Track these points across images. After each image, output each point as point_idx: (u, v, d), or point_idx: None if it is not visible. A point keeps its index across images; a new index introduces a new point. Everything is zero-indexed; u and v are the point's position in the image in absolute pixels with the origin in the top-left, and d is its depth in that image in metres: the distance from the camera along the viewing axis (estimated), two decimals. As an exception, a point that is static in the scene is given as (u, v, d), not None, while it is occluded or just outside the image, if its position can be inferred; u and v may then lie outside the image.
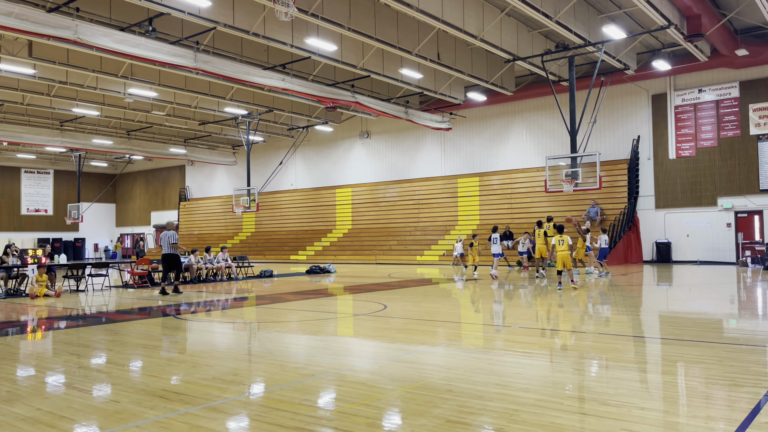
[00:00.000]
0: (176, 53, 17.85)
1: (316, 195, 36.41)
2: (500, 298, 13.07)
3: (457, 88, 26.47)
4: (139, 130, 34.78)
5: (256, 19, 17.33)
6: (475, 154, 30.27)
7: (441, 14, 17.31)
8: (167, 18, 17.31)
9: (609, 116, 26.03)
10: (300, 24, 18.37)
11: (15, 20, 14.23)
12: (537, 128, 28.32)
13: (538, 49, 21.89)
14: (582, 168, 21.50)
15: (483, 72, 23.70)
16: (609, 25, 19.32)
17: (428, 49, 20.62)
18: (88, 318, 11.06)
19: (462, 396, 4.95)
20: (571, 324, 8.87)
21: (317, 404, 4.89)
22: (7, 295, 15.37)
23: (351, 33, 17.96)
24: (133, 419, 4.51)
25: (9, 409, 4.84)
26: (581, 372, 5.91)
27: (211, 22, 16.54)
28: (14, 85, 23.87)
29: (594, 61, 23.40)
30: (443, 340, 7.84)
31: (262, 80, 20.79)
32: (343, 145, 35.27)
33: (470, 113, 29.85)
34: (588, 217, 25.54)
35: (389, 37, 19.13)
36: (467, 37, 18.72)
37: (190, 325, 9.99)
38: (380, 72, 22.11)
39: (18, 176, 43.55)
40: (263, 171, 37.88)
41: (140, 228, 47.09)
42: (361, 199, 34.11)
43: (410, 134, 32.30)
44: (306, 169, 37.22)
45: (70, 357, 7.13)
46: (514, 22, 20.69)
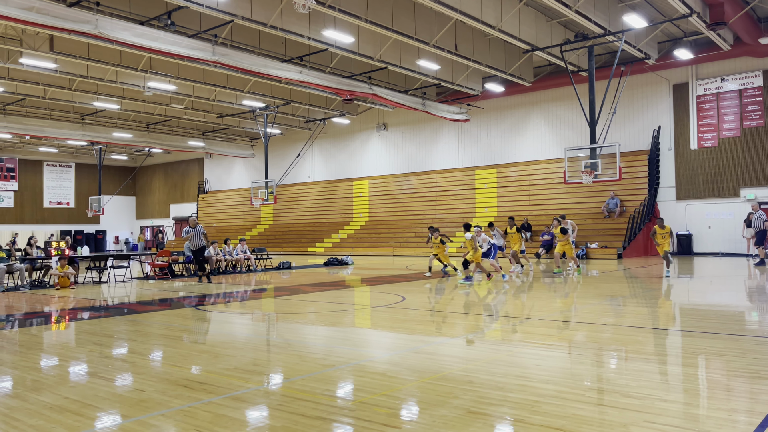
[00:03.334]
0: (195, 46, 17.95)
1: (333, 187, 36.49)
2: (518, 290, 13.03)
3: (474, 79, 26.31)
4: (159, 124, 35.09)
5: (273, 11, 17.36)
6: (493, 145, 30.10)
7: (459, 4, 17.20)
8: (186, 11, 17.41)
9: (629, 106, 25.71)
10: (317, 16, 18.36)
11: (36, 15, 14.40)
12: (556, 119, 28.07)
13: (556, 39, 21.66)
14: (601, 159, 21.28)
15: (501, 63, 23.52)
16: (629, 14, 19.04)
17: (446, 40, 20.50)
18: (111, 309, 11.24)
19: (482, 387, 4.97)
20: (591, 316, 8.82)
21: (337, 394, 4.93)
22: (31, 286, 15.66)
23: (368, 24, 17.92)
24: (158, 408, 4.58)
25: (37, 398, 4.95)
26: (602, 364, 5.89)
27: (229, 15, 16.60)
28: (36, 80, 24.19)
29: (614, 51, 23.10)
30: (462, 332, 7.85)
31: (279, 73, 20.84)
32: (360, 137, 35.27)
33: (488, 104, 29.67)
34: (608, 208, 25.31)
35: (406, 29, 19.05)
36: (485, 27, 18.58)
37: (211, 316, 10.10)
38: (397, 63, 22.04)
39: (40, 169, 44.22)
40: (281, 163, 38.04)
41: (160, 220, 47.60)
42: (378, 191, 34.12)
43: (427, 126, 32.20)
44: (323, 161, 37.30)
45: (95, 347, 7.26)
46: (533, 12, 20.49)
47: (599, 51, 23.35)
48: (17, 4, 14.00)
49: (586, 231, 24.82)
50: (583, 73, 24.21)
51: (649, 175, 25.18)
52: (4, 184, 42.15)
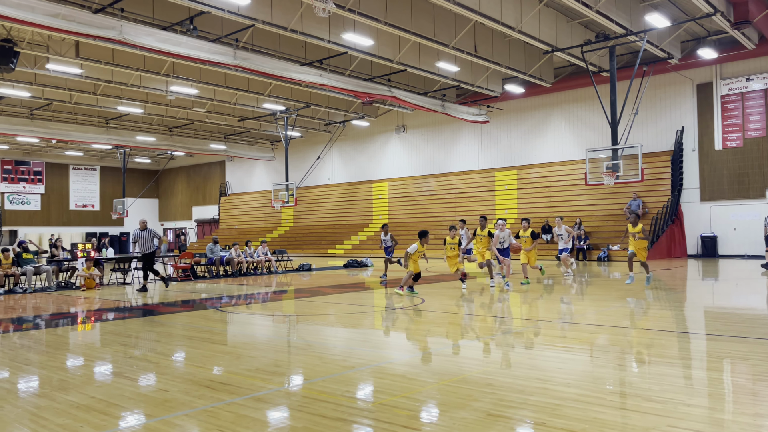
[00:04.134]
0: (216, 51, 18.17)
1: (352, 189, 36.60)
2: (539, 293, 12.95)
3: (494, 81, 26.21)
4: (181, 127, 35.53)
5: (293, 15, 17.50)
6: (513, 147, 29.94)
7: (478, 6, 17.17)
8: (207, 16, 17.62)
9: (651, 107, 25.40)
10: (337, 19, 18.46)
11: (62, 21, 14.69)
12: (576, 120, 27.84)
13: (577, 40, 21.49)
14: (623, 160, 21.05)
15: (521, 64, 23.40)
16: (652, 14, 18.82)
17: (465, 41, 20.47)
18: (135, 310, 11.41)
19: (502, 390, 4.96)
20: (613, 319, 8.74)
21: (358, 396, 4.96)
22: (58, 287, 15.96)
23: (387, 27, 17.97)
24: (182, 408, 4.66)
25: (64, 397, 5.06)
26: (624, 368, 5.84)
27: (250, 19, 16.77)
28: (62, 85, 24.66)
29: (636, 51, 22.86)
30: (482, 335, 7.83)
31: (299, 76, 21.00)
32: (380, 139, 35.34)
33: (508, 106, 29.53)
34: (629, 210, 25.02)
35: (426, 31, 19.06)
36: (505, 28, 18.52)
37: (232, 317, 10.21)
38: (416, 66, 22.05)
39: (66, 173, 45.04)
40: (301, 166, 38.26)
41: (182, 222, 48.16)
42: (398, 193, 34.14)
43: (447, 128, 32.15)
44: (343, 163, 37.44)
45: (120, 347, 7.39)
46: (553, 13, 20.36)
47: (621, 51, 23.11)
48: (44, 11, 14.31)
49: (608, 233, 24.57)
50: (605, 74, 23.99)
51: (672, 176, 24.84)
52: (31, 188, 43.01)
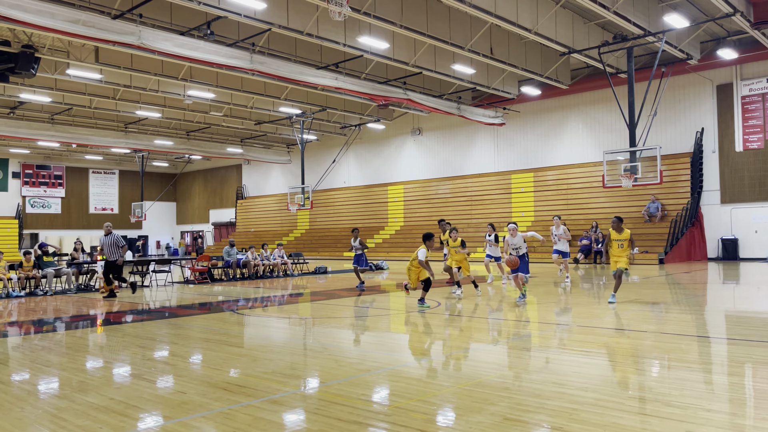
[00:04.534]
0: (233, 55, 18.31)
1: (368, 192, 36.64)
2: (556, 297, 12.85)
3: (510, 83, 26.11)
4: (198, 131, 35.84)
5: (309, 19, 17.58)
6: (530, 149, 29.78)
7: (494, 8, 17.12)
8: (224, 21, 17.77)
9: (670, 108, 25.12)
10: (353, 23, 18.51)
11: (82, 27, 14.91)
12: (594, 122, 27.62)
13: (594, 41, 21.34)
14: (642, 162, 20.83)
15: (537, 66, 23.28)
16: (670, 14, 18.63)
17: (481, 44, 20.42)
18: (153, 312, 11.52)
19: (519, 394, 4.92)
20: (632, 323, 8.64)
21: (374, 399, 4.96)
22: (78, 290, 16.16)
23: (403, 30, 17.98)
24: (199, 410, 4.69)
25: (83, 398, 5.12)
26: (643, 372, 5.77)
27: (266, 23, 16.88)
28: (82, 90, 25.01)
29: (654, 52, 22.62)
30: (499, 338, 7.79)
31: (315, 80, 21.08)
32: (395, 142, 35.35)
33: (524, 108, 29.38)
34: (648, 213, 24.76)
35: (441, 33, 19.05)
36: (521, 30, 18.44)
37: (249, 320, 10.26)
38: (432, 68, 22.04)
39: (86, 176, 45.63)
40: (317, 169, 38.39)
41: (199, 225, 48.55)
42: (413, 196, 34.11)
43: (462, 130, 32.07)
44: (358, 166, 37.50)
45: (138, 349, 7.46)
46: (570, 14, 20.24)
47: (639, 52, 22.90)
48: (64, 17, 14.53)
49: (626, 236, 24.31)
50: (622, 75, 23.78)
51: (692, 178, 24.54)
52: (52, 191, 43.64)
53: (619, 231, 10.62)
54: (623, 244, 10.51)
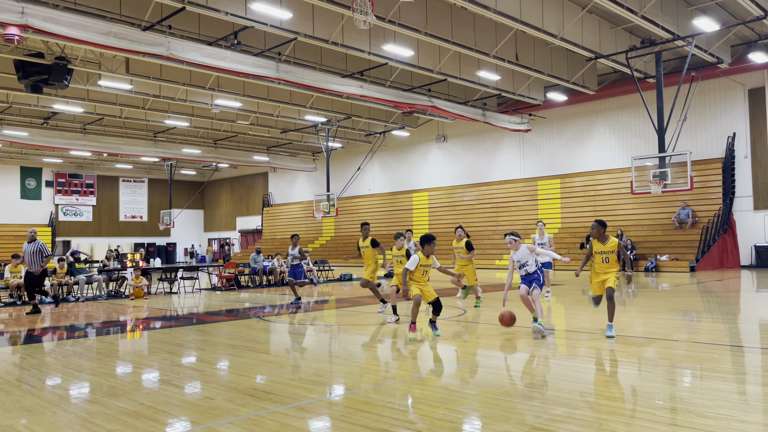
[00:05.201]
0: (259, 64, 18.54)
1: (393, 199, 36.66)
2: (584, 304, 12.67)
3: (536, 89, 25.94)
4: (225, 139, 36.31)
5: (334, 28, 17.73)
6: (556, 155, 29.51)
7: (519, 15, 17.05)
8: (251, 31, 18.01)
9: (700, 113, 24.67)
10: (377, 31, 18.61)
11: (113, 39, 15.26)
12: (621, 127, 27.26)
13: (622, 46, 21.09)
14: (671, 168, 20.49)
15: (563, 71, 23.10)
16: (700, 18, 18.34)
17: (506, 50, 20.34)
18: (181, 319, 11.67)
19: (547, 403, 4.86)
20: (662, 331, 8.48)
21: (400, 407, 4.94)
22: (108, 296, 16.46)
23: (427, 38, 18.01)
24: (226, 416, 4.73)
25: (114, 403, 5.20)
26: (674, 382, 5.65)
27: (292, 33, 17.07)
28: (113, 100, 25.55)
29: (683, 56, 22.27)
30: (526, 347, 7.71)
31: (340, 88, 21.22)
32: (420, 149, 35.34)
33: (550, 114, 29.15)
34: (678, 219, 24.31)
35: (466, 40, 19.03)
36: (547, 36, 18.33)
37: (275, 326, 10.32)
38: (457, 75, 22.02)
39: (117, 185, 46.55)
40: (342, 176, 38.57)
41: (226, 233, 49.10)
42: (438, 203, 34.03)
43: (488, 136, 31.93)
44: (383, 173, 37.57)
45: (167, 355, 7.56)
46: (596, 19, 20.05)
47: (667, 56, 22.57)
48: (96, 30, 14.89)
49: (656, 243, 23.93)
50: (651, 80, 23.44)
51: (723, 184, 24.04)
52: (84, 200, 44.59)
53: (602, 240, 8.17)
54: (608, 257, 8.22)
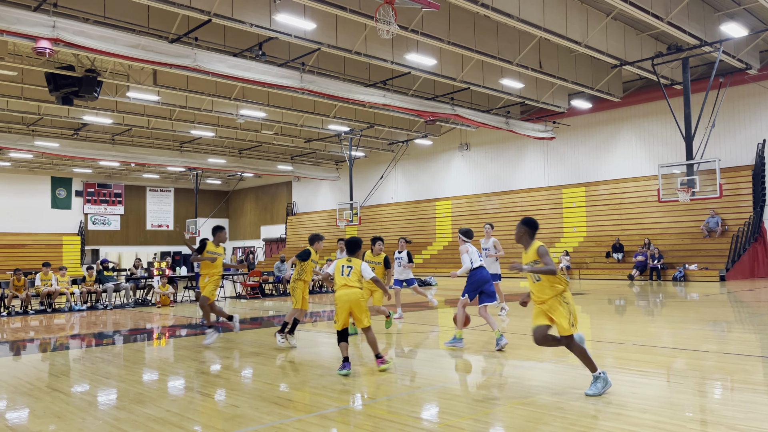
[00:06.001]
0: (284, 75, 18.74)
1: (416, 208, 36.63)
2: (610, 314, 12.49)
3: (560, 96, 25.76)
4: (250, 149, 36.71)
5: (358, 38, 17.85)
6: (581, 163, 29.21)
7: (543, 22, 16.98)
8: (275, 42, 18.22)
9: (729, 120, 24.22)
10: (400, 40, 18.68)
11: (141, 51, 15.56)
12: (648, 135, 26.89)
13: (647, 52, 20.85)
14: (699, 175, 20.13)
15: (588, 79, 22.91)
16: (727, 23, 18.05)
17: (529, 58, 20.25)
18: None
19: (573, 414, 4.80)
20: (692, 342, 8.31)
21: (423, 417, 4.92)
22: (135, 304, 16.70)
23: (450, 46, 18.02)
24: (251, 423, 4.76)
25: (141, 410, 5.27)
26: (704, 394, 5.54)
27: (316, 43, 17.23)
28: (141, 111, 26.03)
29: (711, 62, 21.93)
30: (551, 356, 7.62)
31: (363, 97, 21.33)
32: (443, 157, 35.29)
33: (574, 121, 28.90)
34: (707, 228, 23.86)
35: (489, 48, 19.00)
36: (570, 44, 18.21)
37: (298, 334, 10.36)
38: (480, 83, 21.97)
39: (143, 194, 47.31)
40: (365, 185, 38.67)
41: (251, 241, 49.51)
42: (461, 212, 33.89)
43: (511, 144, 31.75)
44: (406, 182, 37.58)
45: (192, 363, 7.63)
46: (621, 26, 19.87)
47: (694, 63, 22.25)
48: (125, 42, 15.20)
49: (684, 252, 23.50)
50: (677, 86, 23.12)
51: (754, 191, 23.52)
52: (112, 209, 45.39)
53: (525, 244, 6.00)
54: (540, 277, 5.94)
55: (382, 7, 12.34)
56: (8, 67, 19.34)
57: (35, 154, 32.75)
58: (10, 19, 13.35)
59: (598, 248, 26.76)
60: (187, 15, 15.46)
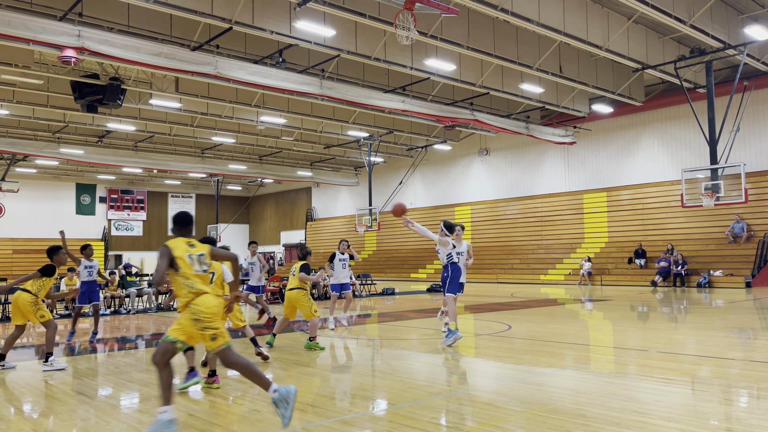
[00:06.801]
0: (303, 81, 18.87)
1: (435, 213, 36.55)
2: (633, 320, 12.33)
3: (580, 101, 25.56)
4: (270, 155, 36.99)
5: (377, 44, 17.92)
6: (602, 168, 28.93)
7: (563, 27, 16.89)
8: (295, 49, 18.37)
9: (754, 123, 23.81)
10: (419, 46, 18.71)
11: (164, 59, 15.80)
12: (670, 139, 26.56)
13: (670, 56, 20.61)
14: (724, 180, 19.81)
15: (609, 83, 22.70)
16: (751, 26, 17.78)
17: (549, 62, 20.14)
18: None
19: (596, 422, 4.74)
20: (717, 350, 8.17)
21: (444, 423, 4.90)
22: (157, 309, 16.89)
23: (470, 51, 18.00)
24: (272, 428, 4.78)
25: (164, 413, 5.32)
26: (730, 402, 5.44)
27: (335, 50, 17.32)
28: (163, 118, 26.38)
29: (735, 65, 21.62)
30: (572, 363, 7.54)
31: (383, 103, 21.38)
32: (462, 162, 35.20)
33: (595, 126, 28.65)
34: (733, 233, 23.46)
35: (509, 53, 18.94)
36: (591, 48, 18.08)
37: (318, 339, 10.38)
38: (499, 88, 21.90)
39: (165, 200, 47.90)
40: (384, 191, 38.72)
41: (271, 247, 49.81)
42: (481, 217, 33.76)
43: (531, 149, 31.57)
44: (425, 187, 37.55)
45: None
46: (643, 29, 19.68)
47: (718, 66, 21.93)
48: (148, 51, 15.45)
49: (709, 258, 23.12)
50: (701, 90, 22.81)
51: (780, 196, 23.10)
52: (135, 215, 46.02)
53: None
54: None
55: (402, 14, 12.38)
56: (35, 76, 19.74)
57: (61, 161, 33.36)
58: (37, 28, 13.65)
59: (620, 254, 26.46)
60: (209, 23, 15.66)
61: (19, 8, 13.97)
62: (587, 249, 27.90)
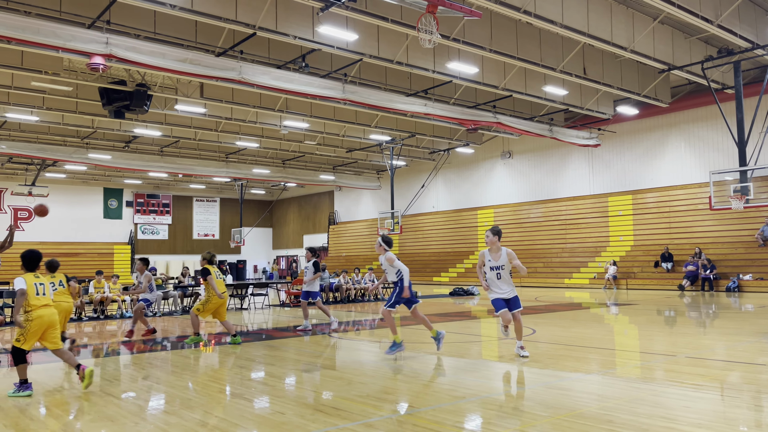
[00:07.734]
0: (326, 86, 18.98)
1: (457, 217, 36.43)
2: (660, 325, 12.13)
3: (605, 103, 25.28)
4: (293, 159, 37.25)
5: (399, 48, 17.95)
6: (627, 170, 28.56)
7: (587, 28, 16.73)
8: (318, 53, 18.49)
9: (785, 124, 23.30)
10: (442, 49, 18.69)
11: (189, 65, 16.03)
12: (697, 141, 26.12)
13: (696, 57, 20.29)
14: (753, 182, 19.43)
15: (634, 84, 22.42)
16: (781, 24, 17.45)
17: (573, 64, 19.97)
18: (251, 334, 11.96)
19: (623, 428, 4.68)
20: (747, 355, 8.00)
21: (468, 427, 4.88)
22: (183, 311, 17.09)
23: (492, 54, 17.93)
24: (297, 431, 4.81)
25: (190, 415, 5.39)
26: (761, 408, 5.32)
27: (358, 54, 17.40)
28: (188, 123, 26.75)
29: (764, 65, 21.20)
30: (598, 368, 7.45)
31: (405, 107, 21.40)
32: (485, 165, 35.04)
33: (620, 128, 28.30)
34: (763, 236, 22.96)
35: (532, 56, 18.82)
36: (616, 49, 17.88)
37: (341, 343, 10.42)
38: (522, 91, 21.77)
39: (190, 204, 48.51)
40: (406, 194, 38.71)
41: (294, 250, 50.12)
42: (504, 220, 33.54)
43: (555, 152, 31.30)
44: (447, 191, 37.45)
45: (238, 370, 7.77)
46: (669, 30, 19.41)
47: (747, 66, 21.52)
48: (173, 57, 15.68)
49: (738, 261, 22.67)
50: (729, 91, 22.40)
51: (812, 198, 22.54)
52: (160, 219, 46.68)
53: None
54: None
55: (424, 17, 12.38)
56: (64, 83, 20.18)
57: (89, 166, 33.99)
58: (66, 36, 13.95)
59: (646, 258, 26.08)
60: (233, 29, 15.85)
61: (49, 16, 14.29)
62: (612, 252, 27.55)
